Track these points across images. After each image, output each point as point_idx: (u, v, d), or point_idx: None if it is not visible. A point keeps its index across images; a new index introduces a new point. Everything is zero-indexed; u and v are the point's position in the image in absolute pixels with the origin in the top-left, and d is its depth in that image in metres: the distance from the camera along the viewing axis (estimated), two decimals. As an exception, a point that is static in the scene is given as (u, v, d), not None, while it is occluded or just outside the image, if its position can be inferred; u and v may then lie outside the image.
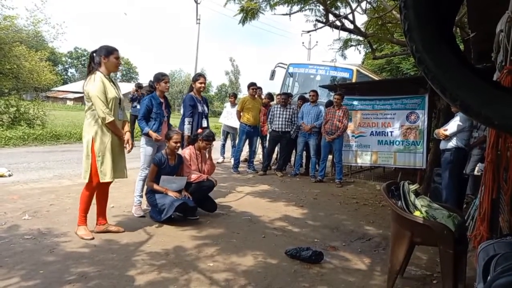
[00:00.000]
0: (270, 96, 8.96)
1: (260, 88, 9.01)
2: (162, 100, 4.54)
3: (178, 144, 4.38)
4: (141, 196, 4.48)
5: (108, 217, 4.02)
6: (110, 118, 3.44)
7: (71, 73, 66.15)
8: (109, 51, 3.55)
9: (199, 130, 4.83)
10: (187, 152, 4.64)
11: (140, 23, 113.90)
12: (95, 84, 3.41)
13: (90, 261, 3.04)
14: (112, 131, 3.54)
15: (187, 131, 5.01)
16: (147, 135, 4.39)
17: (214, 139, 4.77)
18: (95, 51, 3.57)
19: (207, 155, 4.82)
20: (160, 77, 4.50)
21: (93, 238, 3.50)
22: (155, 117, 4.42)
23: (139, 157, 4.57)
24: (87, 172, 3.50)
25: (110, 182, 3.66)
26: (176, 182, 4.34)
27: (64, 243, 3.36)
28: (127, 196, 4.84)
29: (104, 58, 3.53)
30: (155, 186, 4.25)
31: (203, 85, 5.19)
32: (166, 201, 4.12)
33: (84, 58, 66.92)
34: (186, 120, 5.08)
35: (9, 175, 6.07)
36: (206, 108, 5.27)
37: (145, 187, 4.44)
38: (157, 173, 4.29)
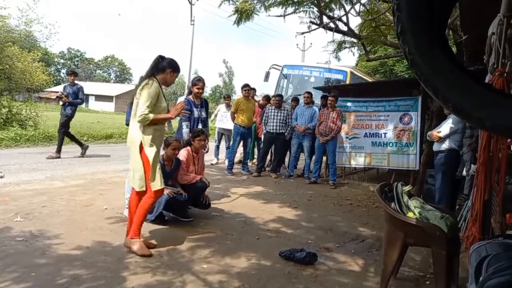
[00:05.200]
0: (267, 98, 8.94)
1: (253, 89, 8.98)
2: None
3: (176, 151, 4.36)
4: None
5: (101, 219, 3.99)
6: (150, 116, 3.27)
7: (63, 73, 65.50)
8: (176, 69, 3.55)
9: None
10: (184, 153, 4.61)
11: (136, 23, 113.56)
12: (151, 89, 3.33)
13: (83, 263, 3.01)
14: (157, 128, 3.40)
15: (186, 135, 5.00)
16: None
17: (203, 132, 4.76)
18: (163, 57, 3.50)
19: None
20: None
21: (151, 255, 3.26)
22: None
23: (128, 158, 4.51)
24: (142, 179, 3.33)
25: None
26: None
27: (56, 245, 3.32)
28: (121, 197, 4.79)
29: (170, 72, 3.49)
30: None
31: (200, 90, 5.29)
32: None
33: (77, 59, 66.36)
34: (184, 124, 5.09)
35: (1, 177, 6.00)
36: (203, 113, 5.28)
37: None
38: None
